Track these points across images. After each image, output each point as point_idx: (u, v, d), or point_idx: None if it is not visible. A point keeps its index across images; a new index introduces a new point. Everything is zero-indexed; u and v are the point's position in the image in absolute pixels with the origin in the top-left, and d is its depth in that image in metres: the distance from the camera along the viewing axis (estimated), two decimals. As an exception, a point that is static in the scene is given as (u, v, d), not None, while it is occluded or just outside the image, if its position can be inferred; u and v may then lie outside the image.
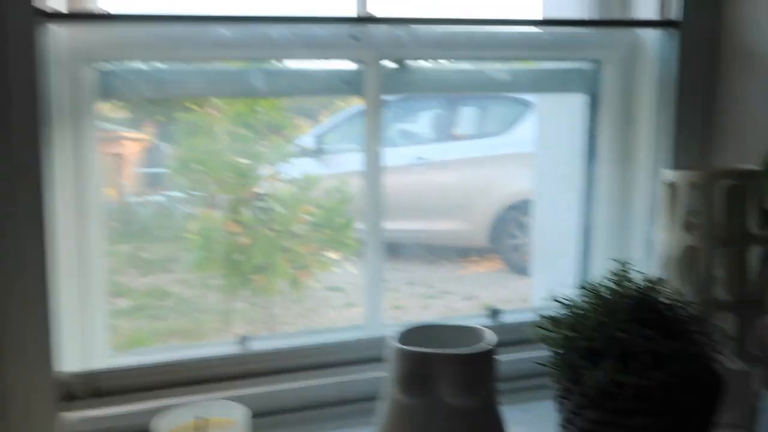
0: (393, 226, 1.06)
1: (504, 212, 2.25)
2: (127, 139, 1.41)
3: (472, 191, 2.14)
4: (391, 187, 1.00)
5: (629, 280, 0.70)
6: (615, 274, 0.70)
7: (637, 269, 0.71)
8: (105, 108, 1.08)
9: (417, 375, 0.60)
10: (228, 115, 1.18)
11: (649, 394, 0.61)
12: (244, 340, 0.87)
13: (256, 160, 1.16)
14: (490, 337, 0.64)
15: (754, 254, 0.79)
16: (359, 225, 1.18)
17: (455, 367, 0.59)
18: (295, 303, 1.25)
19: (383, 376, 0.88)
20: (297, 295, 1.21)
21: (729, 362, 0.74)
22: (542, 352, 0.94)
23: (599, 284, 0.70)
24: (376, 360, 0.88)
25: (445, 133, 2.23)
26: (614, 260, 0.73)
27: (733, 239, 0.78)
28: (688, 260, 0.80)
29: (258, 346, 0.88)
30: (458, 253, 2.59)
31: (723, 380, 0.66)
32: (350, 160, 1.30)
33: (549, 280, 1.14)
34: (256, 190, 1.15)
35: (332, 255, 1.24)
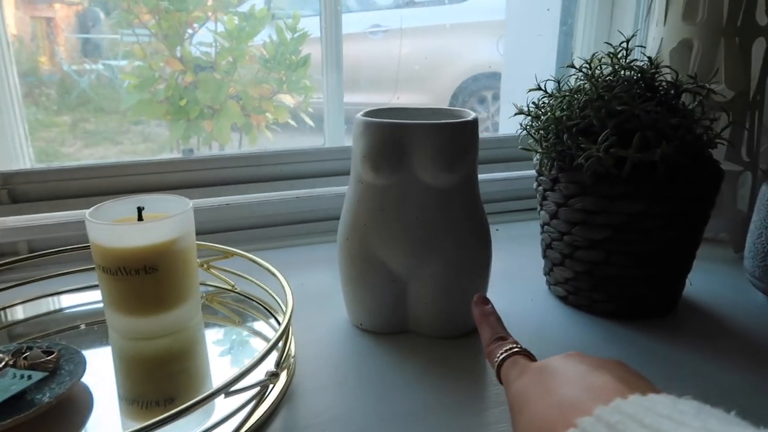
0: (348, 99, 1.00)
1: (465, 84, 2.12)
2: (58, 2, 1.22)
3: (432, 62, 1.99)
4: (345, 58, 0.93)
5: (624, 59, 0.61)
6: (610, 55, 0.61)
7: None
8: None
9: (390, 150, 0.51)
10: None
11: (650, 175, 0.54)
12: (189, 151, 0.75)
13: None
14: (469, 114, 0.54)
15: (758, 48, 0.71)
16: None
17: (433, 138, 0.50)
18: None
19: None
20: (252, 145, 1.09)
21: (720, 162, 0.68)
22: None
23: (591, 63, 0.61)
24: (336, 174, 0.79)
25: (402, -2, 2.03)
26: (607, 43, 0.64)
27: (738, 31, 0.70)
28: (684, 55, 0.72)
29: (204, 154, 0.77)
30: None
31: (722, 171, 0.59)
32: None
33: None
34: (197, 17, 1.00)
35: (287, 99, 1.11)
